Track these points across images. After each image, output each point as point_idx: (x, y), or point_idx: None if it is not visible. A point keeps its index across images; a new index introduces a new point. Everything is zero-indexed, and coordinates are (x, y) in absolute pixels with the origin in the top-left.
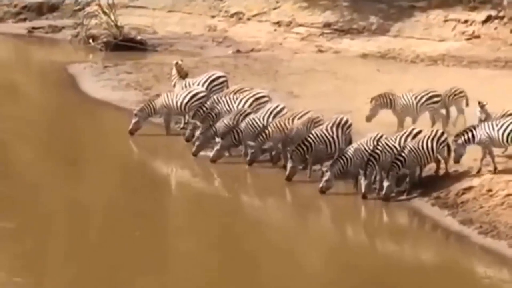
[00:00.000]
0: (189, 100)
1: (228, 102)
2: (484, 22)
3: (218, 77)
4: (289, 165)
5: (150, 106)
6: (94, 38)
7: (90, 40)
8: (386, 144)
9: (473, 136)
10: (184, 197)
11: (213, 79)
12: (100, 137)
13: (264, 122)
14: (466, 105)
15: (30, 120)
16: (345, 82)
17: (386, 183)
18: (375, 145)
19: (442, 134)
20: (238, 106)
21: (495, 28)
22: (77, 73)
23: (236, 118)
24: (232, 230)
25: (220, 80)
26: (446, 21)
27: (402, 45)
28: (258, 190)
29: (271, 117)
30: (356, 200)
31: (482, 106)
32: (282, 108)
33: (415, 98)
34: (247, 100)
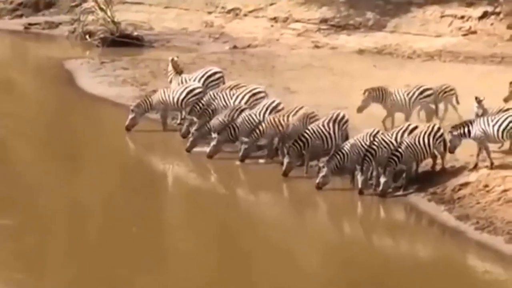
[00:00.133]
0: (185, 96)
1: (224, 98)
2: (480, 18)
3: (214, 72)
4: (285, 160)
5: (147, 102)
6: (91, 34)
7: (87, 36)
8: (383, 139)
9: (469, 131)
10: (181, 193)
11: (209, 75)
12: (96, 133)
13: (260, 118)
14: (457, 102)
15: (27, 116)
16: (341, 78)
17: (383, 179)
18: (372, 140)
19: (439, 129)
20: (234, 102)
21: (492, 24)
22: (74, 69)
23: (231, 114)
24: (228, 226)
25: (216, 76)
26: (442, 16)
27: (398, 40)
28: (254, 186)
29: (267, 112)
30: (352, 195)
31: (479, 102)
32: (278, 103)
33: (407, 94)
34: (244, 96)
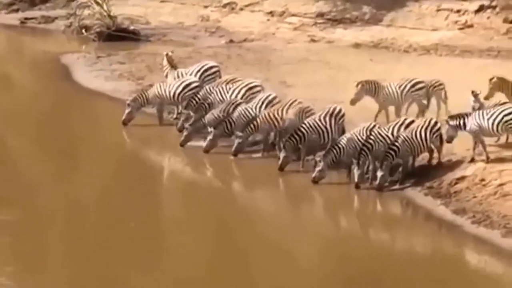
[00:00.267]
0: (182, 90)
1: (221, 92)
2: (476, 11)
3: (210, 67)
4: (282, 155)
5: (143, 96)
6: (87, 28)
7: (83, 30)
8: (379, 133)
9: (464, 123)
10: (177, 188)
11: (205, 69)
12: (93, 127)
13: (256, 112)
14: (445, 97)
15: (23, 111)
16: (338, 72)
17: (380, 173)
18: (368, 135)
19: (436, 123)
20: (231, 96)
21: (488, 17)
22: (70, 63)
23: (226, 109)
24: (225, 220)
25: (212, 70)
26: (438, 10)
27: (395, 34)
28: (250, 181)
29: (264, 106)
30: (349, 190)
31: (476, 95)
32: (274, 97)
33: (399, 87)
34: (240, 90)
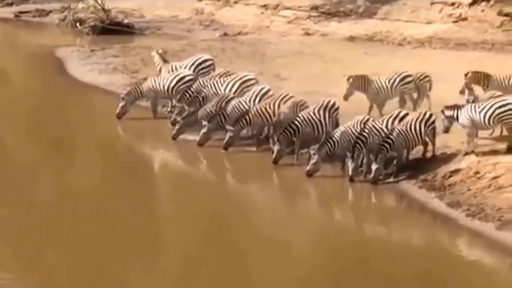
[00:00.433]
0: (176, 83)
1: (215, 85)
2: (471, 4)
3: (204, 60)
4: (276, 148)
5: (137, 89)
6: (81, 22)
7: (77, 24)
8: (373, 126)
9: (457, 115)
10: (171, 181)
11: (199, 62)
12: (87, 121)
13: (250, 105)
14: (429, 89)
15: (17, 104)
16: (332, 65)
17: (374, 166)
18: (362, 128)
19: (430, 116)
20: (225, 89)
21: (482, 10)
22: (64, 57)
23: (218, 104)
24: (219, 213)
25: (207, 63)
26: (433, 3)
27: (389, 27)
28: (244, 174)
29: (258, 99)
30: (343, 183)
31: (470, 88)
32: (268, 90)
33: (389, 81)
34: (234, 83)
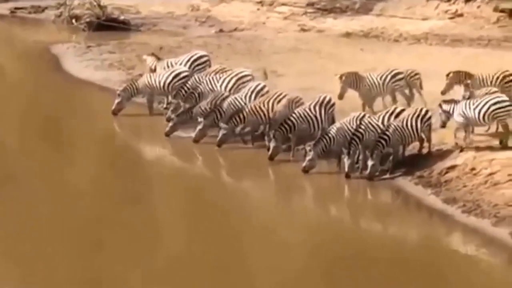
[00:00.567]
0: (172, 80)
1: (210, 82)
2: (467, 0)
3: (200, 56)
4: (271, 144)
5: (133, 86)
6: (77, 18)
7: (73, 20)
8: (369, 123)
9: (453, 110)
10: (167, 177)
11: (195, 59)
12: (83, 117)
13: (246, 102)
14: (420, 87)
15: (13, 100)
16: (328, 61)
17: (370, 162)
18: (358, 124)
19: (426, 112)
20: (221, 85)
21: (478, 6)
22: (60, 53)
23: (213, 102)
24: (215, 209)
25: (202, 59)
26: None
27: (385, 24)
28: (241, 170)
29: (253, 96)
30: (339, 179)
31: (466, 85)
32: (263, 86)
33: (380, 78)
34: (230, 79)
